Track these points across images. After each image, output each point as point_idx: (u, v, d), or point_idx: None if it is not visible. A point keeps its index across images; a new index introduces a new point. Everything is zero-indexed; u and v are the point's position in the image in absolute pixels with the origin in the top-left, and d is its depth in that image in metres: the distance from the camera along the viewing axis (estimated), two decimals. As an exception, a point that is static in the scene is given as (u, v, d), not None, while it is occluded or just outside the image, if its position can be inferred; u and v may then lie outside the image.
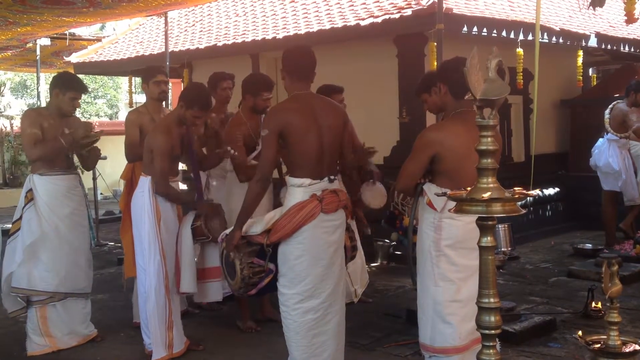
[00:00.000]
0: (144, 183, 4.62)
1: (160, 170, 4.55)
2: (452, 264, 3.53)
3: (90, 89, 27.64)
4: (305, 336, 3.79)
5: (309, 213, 3.71)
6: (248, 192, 3.87)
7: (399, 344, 4.85)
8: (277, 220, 3.76)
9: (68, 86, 4.90)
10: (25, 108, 23.87)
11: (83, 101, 26.08)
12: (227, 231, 3.97)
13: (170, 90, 11.59)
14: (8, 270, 4.87)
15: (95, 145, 5.07)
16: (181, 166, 5.21)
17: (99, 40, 13.23)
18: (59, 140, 4.80)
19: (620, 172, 7.55)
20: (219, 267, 4.95)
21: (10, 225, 5.10)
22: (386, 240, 7.67)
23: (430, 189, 3.57)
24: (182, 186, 5.64)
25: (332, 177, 3.83)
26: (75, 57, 12.22)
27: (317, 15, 8.90)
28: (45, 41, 11.02)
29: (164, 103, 5.66)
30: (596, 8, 5.87)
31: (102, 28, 21.53)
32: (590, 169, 7.96)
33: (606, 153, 7.63)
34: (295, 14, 9.42)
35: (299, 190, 3.76)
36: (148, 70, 5.47)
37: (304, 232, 3.72)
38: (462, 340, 3.51)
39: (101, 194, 12.99)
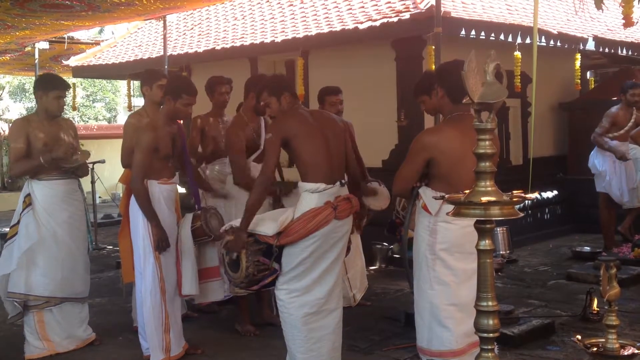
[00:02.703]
0: None
1: (138, 165, 4.47)
2: (447, 267, 3.54)
3: (88, 93, 27.84)
4: (302, 330, 3.84)
5: (323, 220, 3.77)
6: (251, 194, 3.94)
7: (398, 347, 4.83)
8: (290, 224, 3.79)
9: (49, 86, 4.89)
10: (24, 111, 23.93)
11: (82, 104, 26.12)
12: (232, 223, 3.99)
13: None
14: (2, 274, 4.84)
15: (83, 161, 5.03)
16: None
17: (97, 43, 13.21)
18: (38, 160, 4.76)
19: (605, 174, 7.55)
20: (218, 266, 4.95)
21: (7, 229, 5.09)
22: (385, 244, 7.67)
23: (426, 193, 3.59)
24: (181, 190, 5.63)
25: (342, 181, 3.90)
26: (74, 61, 12.22)
27: (316, 19, 8.91)
28: (44, 45, 11.00)
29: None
30: (593, 11, 5.86)
31: (100, 32, 21.51)
32: (589, 171, 7.97)
33: (594, 154, 7.68)
34: (293, 18, 9.43)
35: (313, 196, 3.81)
36: (152, 73, 5.39)
37: (314, 236, 3.77)
38: (459, 343, 3.51)
39: (100, 197, 12.98)
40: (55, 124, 4.98)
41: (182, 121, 4.92)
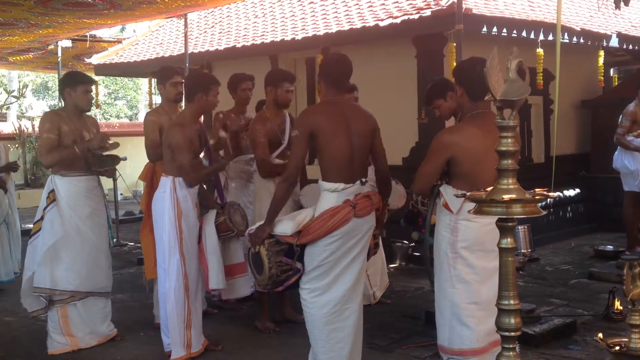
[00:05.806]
0: (165, 183, 4.63)
1: (185, 163, 4.53)
2: (468, 265, 3.52)
3: (110, 90, 28.07)
4: (323, 330, 3.84)
5: (342, 218, 3.74)
6: (276, 191, 3.94)
7: (418, 346, 4.83)
8: (309, 222, 3.78)
9: (76, 82, 4.98)
10: (47, 109, 24.16)
11: (103, 102, 26.35)
12: (255, 227, 4.00)
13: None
14: (30, 270, 4.91)
15: (112, 157, 5.12)
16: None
17: (119, 42, 13.31)
18: (73, 149, 4.84)
19: (637, 172, 7.46)
20: (244, 262, 4.98)
21: (31, 225, 5.15)
22: (405, 242, 7.65)
23: (447, 191, 3.57)
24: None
25: (363, 179, 3.86)
26: (96, 59, 12.33)
27: (336, 16, 8.90)
28: (67, 43, 11.12)
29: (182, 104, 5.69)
30: (617, 7, 5.79)
31: (122, 30, 21.67)
32: (611, 170, 7.89)
33: (622, 154, 7.58)
34: (314, 15, 9.43)
35: (332, 195, 3.79)
36: (164, 71, 5.46)
37: (335, 235, 3.76)
38: (479, 342, 3.50)
39: (121, 194, 13.08)
40: (82, 120, 5.05)
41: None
